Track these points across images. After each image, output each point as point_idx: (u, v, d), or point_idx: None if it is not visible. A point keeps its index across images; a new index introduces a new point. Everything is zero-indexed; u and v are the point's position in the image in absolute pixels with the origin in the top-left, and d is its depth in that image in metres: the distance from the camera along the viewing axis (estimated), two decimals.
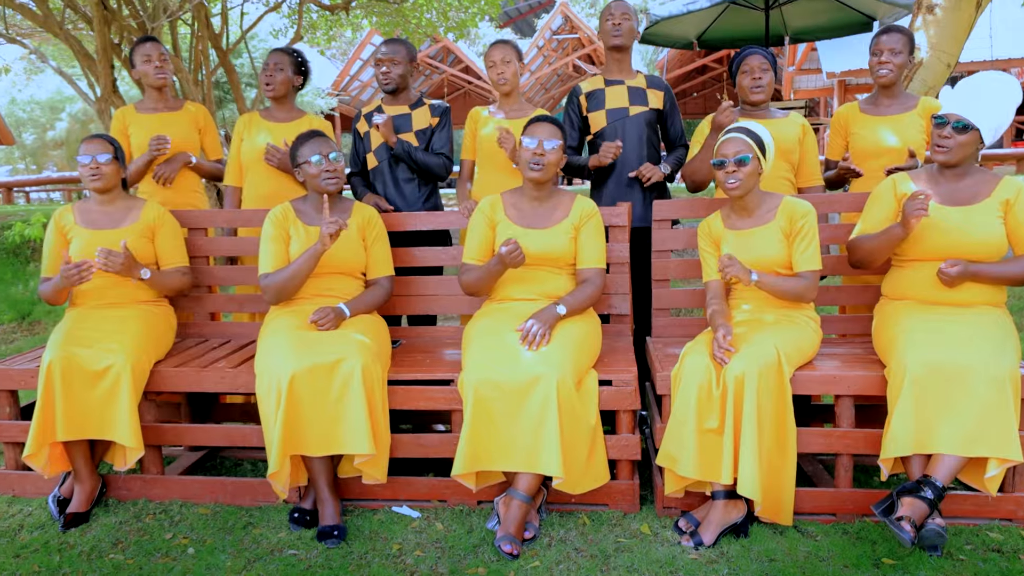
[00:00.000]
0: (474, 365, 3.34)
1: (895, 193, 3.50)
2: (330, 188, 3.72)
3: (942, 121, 3.34)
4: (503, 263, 3.50)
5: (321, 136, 3.77)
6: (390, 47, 4.44)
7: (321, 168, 3.70)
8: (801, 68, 19.96)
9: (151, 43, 4.63)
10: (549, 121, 3.66)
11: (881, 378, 3.28)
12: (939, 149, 3.35)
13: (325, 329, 3.55)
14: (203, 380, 3.70)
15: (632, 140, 4.38)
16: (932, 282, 3.38)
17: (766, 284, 3.42)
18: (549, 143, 3.59)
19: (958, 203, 3.36)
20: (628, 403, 3.45)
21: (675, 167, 4.45)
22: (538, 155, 3.59)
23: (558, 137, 3.62)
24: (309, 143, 3.74)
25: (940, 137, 3.34)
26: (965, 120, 3.28)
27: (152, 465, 3.80)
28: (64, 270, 3.61)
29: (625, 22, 4.39)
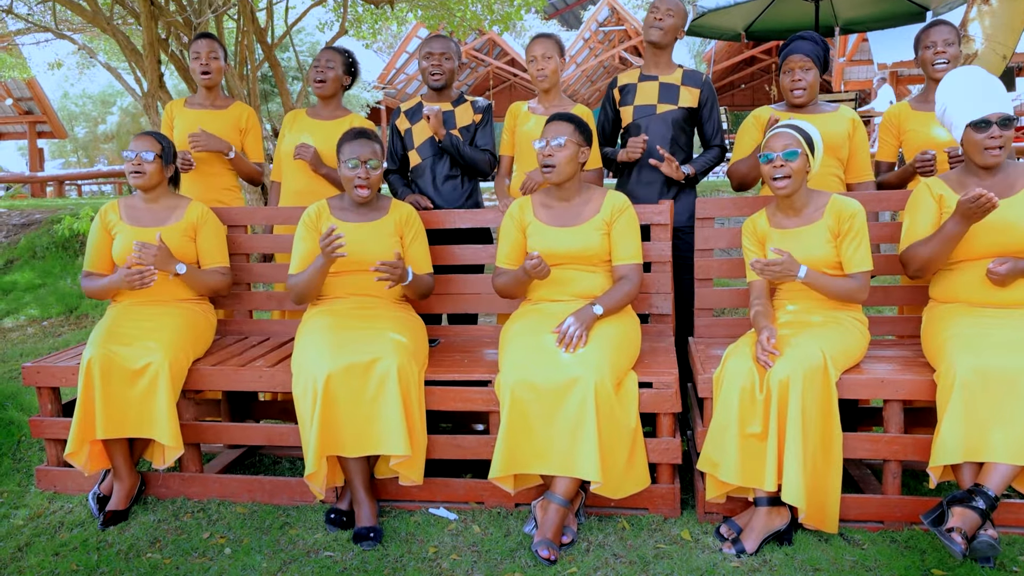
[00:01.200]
0: (511, 367, 3.29)
1: (931, 195, 3.39)
2: (359, 197, 3.69)
3: (985, 123, 3.22)
4: (528, 276, 3.45)
5: (367, 139, 3.72)
6: (441, 43, 4.40)
7: (355, 173, 3.67)
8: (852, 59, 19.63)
9: (204, 40, 4.64)
10: (559, 118, 3.58)
11: (931, 382, 3.18)
12: (991, 153, 3.24)
13: (385, 279, 3.54)
14: (241, 379, 3.69)
15: (655, 140, 4.28)
16: (980, 283, 3.27)
17: (815, 281, 3.32)
18: (555, 140, 3.52)
19: (997, 196, 3.25)
20: (669, 406, 3.38)
21: (701, 170, 4.33)
22: (547, 156, 3.53)
23: (565, 132, 3.54)
24: (351, 144, 3.69)
25: (989, 139, 3.23)
26: (1006, 113, 3.18)
27: (191, 463, 3.80)
28: (127, 275, 3.65)
29: (668, 19, 4.28)
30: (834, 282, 3.34)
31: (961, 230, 3.18)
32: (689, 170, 4.24)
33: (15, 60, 16.83)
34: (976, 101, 3.25)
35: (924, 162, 3.90)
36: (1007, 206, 3.22)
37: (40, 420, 3.84)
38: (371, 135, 3.76)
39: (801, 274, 3.29)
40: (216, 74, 4.64)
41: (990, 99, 3.22)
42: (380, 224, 3.78)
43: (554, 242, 3.58)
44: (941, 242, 3.25)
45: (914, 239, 3.40)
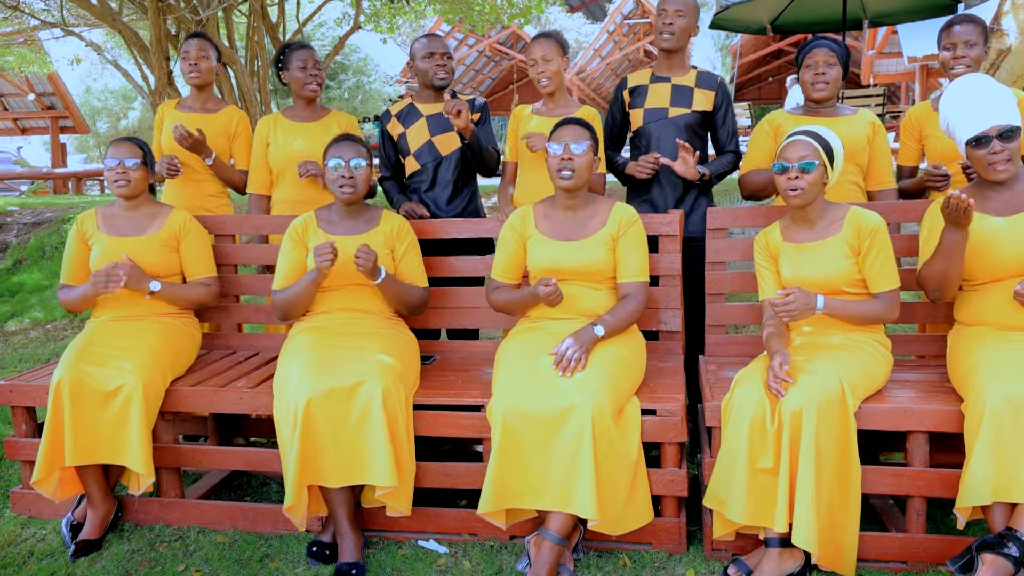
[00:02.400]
0: (503, 392, 3.06)
1: None
2: (344, 196, 3.48)
3: (986, 139, 2.97)
4: (538, 300, 3.22)
5: (349, 141, 3.52)
6: (440, 42, 4.19)
7: (338, 173, 3.45)
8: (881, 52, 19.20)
9: (194, 40, 4.42)
10: (575, 123, 3.35)
11: (959, 412, 2.91)
12: (996, 169, 3.00)
13: (361, 267, 3.31)
14: (221, 401, 3.49)
15: (668, 145, 4.03)
16: (1007, 304, 3.01)
17: (835, 310, 3.07)
18: (577, 146, 3.28)
19: (1015, 211, 3.01)
20: (673, 435, 3.14)
21: (715, 173, 4.08)
22: (566, 160, 3.28)
23: (586, 138, 3.31)
24: (335, 146, 3.50)
25: (992, 155, 2.99)
26: (1008, 125, 2.93)
27: (171, 488, 3.61)
28: (94, 277, 3.46)
29: (679, 20, 4.01)
30: (858, 307, 3.08)
31: (956, 238, 2.95)
32: (705, 171, 3.99)
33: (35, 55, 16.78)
34: (975, 115, 3.01)
35: (935, 178, 3.64)
36: None
37: (14, 441, 3.66)
38: (356, 138, 3.57)
39: (819, 306, 3.04)
40: (206, 75, 4.42)
41: (990, 111, 2.97)
42: (370, 236, 3.56)
43: (556, 256, 3.35)
44: (943, 257, 3.01)
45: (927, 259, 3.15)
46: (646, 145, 4.09)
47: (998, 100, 2.98)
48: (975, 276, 3.08)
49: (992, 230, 3.02)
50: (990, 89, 3.01)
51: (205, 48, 4.40)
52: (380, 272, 3.41)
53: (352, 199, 3.49)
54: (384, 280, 3.43)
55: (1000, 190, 3.07)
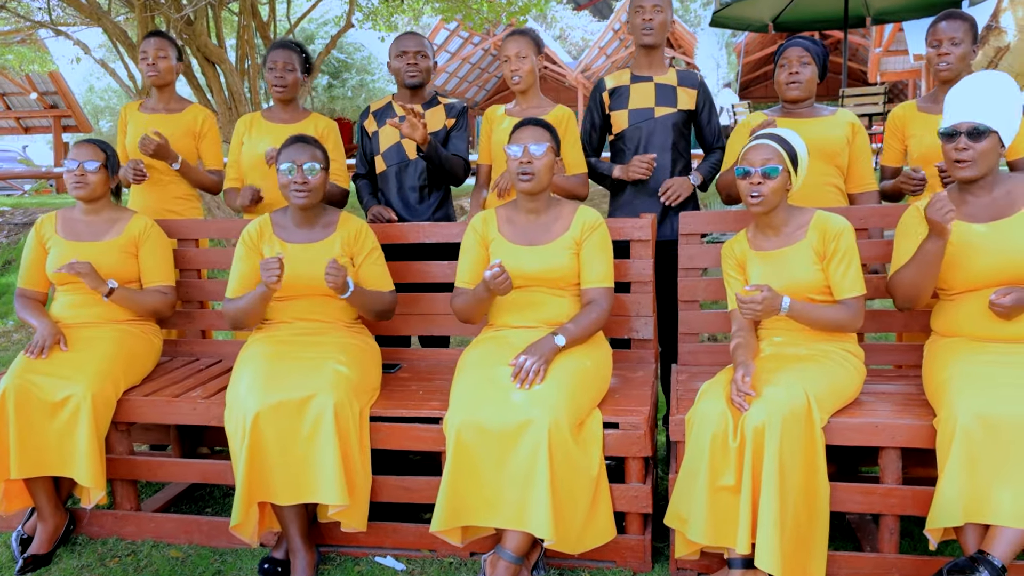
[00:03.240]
0: (458, 405, 2.94)
1: (922, 220, 3.01)
2: (298, 201, 3.35)
3: (952, 133, 2.85)
4: (488, 290, 3.10)
5: (303, 143, 3.40)
6: (415, 40, 4.06)
7: (290, 178, 3.33)
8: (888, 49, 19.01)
9: (152, 39, 4.31)
10: (535, 124, 3.23)
11: (933, 427, 2.79)
12: (960, 165, 2.88)
13: (331, 284, 3.19)
14: (174, 412, 3.38)
15: (657, 146, 3.91)
16: (983, 315, 2.88)
17: (800, 313, 2.94)
18: (536, 147, 3.16)
19: (994, 217, 2.88)
20: (637, 449, 3.01)
21: (708, 175, 3.96)
22: (525, 163, 3.16)
23: (546, 140, 3.19)
24: (286, 149, 3.38)
25: (956, 151, 2.87)
26: (978, 123, 2.79)
27: (125, 501, 3.50)
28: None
29: (657, 16, 3.89)
30: (823, 312, 2.96)
31: (935, 247, 2.83)
32: (697, 179, 3.88)
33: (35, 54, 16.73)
34: (957, 106, 2.88)
35: (910, 181, 3.51)
36: (1006, 227, 2.84)
37: None
38: (311, 139, 3.44)
39: (784, 306, 2.91)
40: (165, 74, 4.31)
41: (974, 107, 2.83)
42: (327, 243, 3.45)
43: (518, 261, 3.23)
44: (920, 265, 2.88)
45: (899, 266, 3.03)
46: (633, 148, 3.97)
47: (992, 99, 2.83)
48: (951, 285, 2.95)
49: (970, 237, 2.89)
50: (995, 88, 2.86)
51: (164, 47, 4.29)
52: (349, 286, 3.29)
53: (306, 204, 3.38)
54: (352, 294, 3.32)
55: (979, 195, 2.95)
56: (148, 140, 4.07)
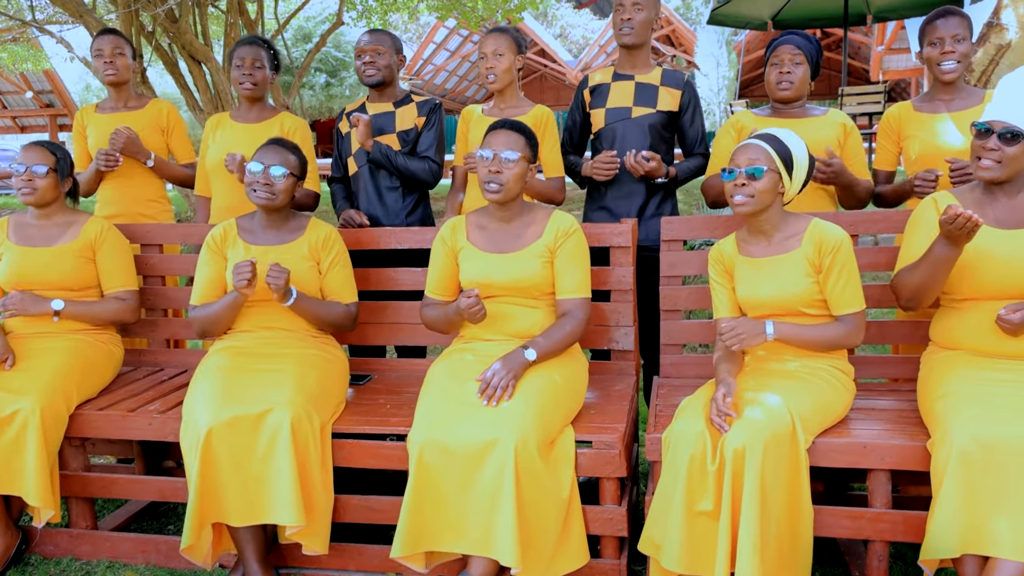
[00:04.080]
0: (422, 423, 2.78)
1: (938, 214, 2.82)
2: (257, 201, 3.20)
3: (985, 129, 2.65)
4: (462, 317, 2.94)
5: (278, 146, 3.25)
6: (372, 36, 3.90)
7: (255, 178, 3.18)
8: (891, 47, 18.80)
9: (106, 36, 4.15)
10: (510, 127, 3.05)
11: (926, 449, 2.61)
12: (985, 166, 2.67)
13: (272, 286, 3.03)
14: (129, 426, 3.22)
15: (632, 147, 3.73)
16: (989, 328, 2.69)
17: (790, 337, 2.78)
18: (507, 154, 2.98)
19: (1014, 225, 2.68)
20: (611, 469, 2.84)
21: (682, 176, 3.78)
22: (494, 171, 2.99)
23: (519, 147, 3.01)
24: (261, 150, 3.23)
25: (985, 150, 2.66)
26: (1014, 127, 2.60)
27: (81, 519, 3.35)
28: None
29: (638, 14, 3.71)
30: (816, 332, 2.79)
31: (948, 254, 2.62)
32: (671, 169, 3.70)
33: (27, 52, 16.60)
34: (999, 103, 2.69)
35: (925, 183, 3.31)
36: None
37: None
38: (289, 144, 3.29)
39: (769, 332, 2.75)
40: (122, 72, 4.15)
41: (1017, 105, 2.63)
42: (293, 247, 3.29)
43: (488, 270, 3.06)
44: (929, 267, 2.68)
45: (908, 262, 2.84)
46: (608, 147, 3.80)
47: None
48: (956, 290, 2.77)
49: (984, 242, 2.70)
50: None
51: (119, 44, 4.14)
52: (291, 294, 3.13)
53: (268, 206, 3.22)
54: (295, 301, 3.16)
55: (1000, 198, 2.75)
56: (118, 133, 3.91)
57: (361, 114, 3.80)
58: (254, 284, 3.03)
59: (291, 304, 3.15)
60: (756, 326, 2.74)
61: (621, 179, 3.77)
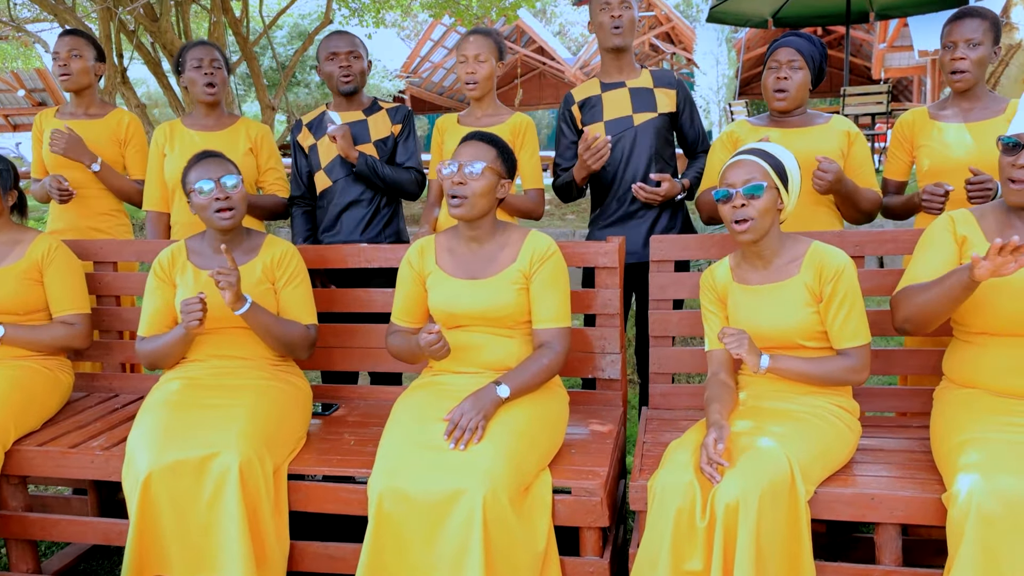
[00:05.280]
0: (382, 468, 2.51)
1: (954, 234, 2.55)
2: (223, 223, 2.93)
3: (1014, 143, 2.38)
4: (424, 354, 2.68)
5: (214, 157, 2.98)
6: (346, 40, 3.64)
7: (210, 197, 2.91)
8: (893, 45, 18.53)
9: (64, 38, 3.88)
10: (480, 139, 2.79)
11: (940, 502, 2.35)
12: (1015, 186, 2.39)
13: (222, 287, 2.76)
14: (69, 465, 2.95)
15: (640, 156, 3.48)
16: (1009, 367, 2.43)
17: (786, 370, 2.52)
18: (471, 166, 2.71)
19: None
20: (592, 518, 2.58)
21: (696, 181, 3.53)
22: (456, 183, 2.72)
23: (485, 158, 2.74)
24: (197, 167, 2.95)
25: (1014, 168, 2.39)
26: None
27: (21, 562, 3.08)
28: None
29: (627, 12, 3.45)
30: (815, 367, 2.52)
31: (968, 282, 2.32)
32: (684, 181, 3.47)
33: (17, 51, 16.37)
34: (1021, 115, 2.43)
35: (933, 197, 3.04)
36: None
37: None
38: (218, 153, 3.03)
39: (763, 365, 2.48)
40: (79, 76, 3.87)
41: None
42: (247, 269, 3.03)
43: (458, 298, 2.79)
44: (943, 292, 2.38)
45: (914, 281, 2.56)
46: (616, 163, 3.52)
47: None
48: (970, 323, 2.51)
49: None
50: None
51: (78, 47, 3.86)
52: (246, 300, 2.85)
53: (232, 225, 2.96)
54: (250, 311, 2.87)
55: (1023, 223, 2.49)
56: (58, 135, 3.65)
57: (337, 124, 3.52)
58: (205, 322, 2.77)
59: (245, 312, 2.86)
60: (754, 353, 2.47)
61: (627, 193, 3.51)
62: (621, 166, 3.49)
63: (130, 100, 8.15)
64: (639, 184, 3.34)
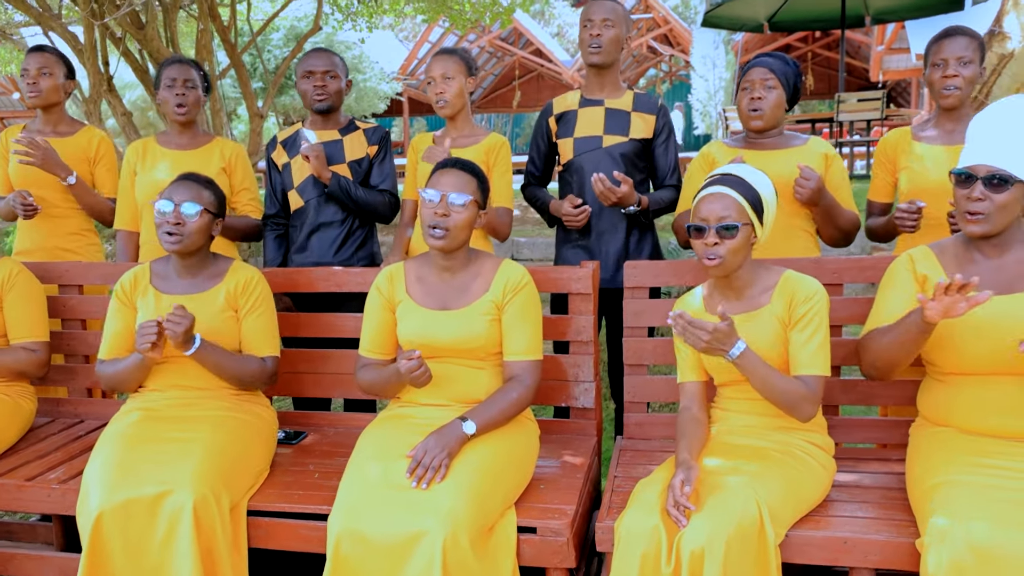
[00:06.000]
0: (341, 507, 2.43)
1: (914, 273, 2.48)
2: (168, 247, 2.86)
3: (968, 176, 2.30)
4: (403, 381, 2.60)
5: (190, 181, 2.91)
6: (324, 59, 3.56)
7: (163, 219, 2.83)
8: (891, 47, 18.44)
9: (33, 55, 3.81)
10: (462, 167, 2.71)
11: (915, 547, 2.26)
12: (972, 218, 2.32)
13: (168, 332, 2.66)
14: (23, 498, 2.87)
15: None
16: (982, 407, 2.35)
17: (749, 366, 2.39)
18: (456, 197, 2.63)
19: (1001, 290, 2.34)
20: (558, 559, 2.49)
21: (654, 208, 3.44)
22: (440, 215, 2.64)
23: (470, 190, 2.67)
24: (171, 185, 2.90)
25: (969, 200, 2.31)
26: (1000, 171, 2.25)
27: None
28: None
29: (607, 31, 3.37)
30: (777, 378, 2.40)
31: (925, 325, 2.26)
32: (643, 199, 3.36)
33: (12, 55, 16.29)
34: (977, 145, 2.34)
35: (906, 215, 2.96)
36: (1014, 305, 2.30)
37: None
38: (202, 180, 2.96)
39: (735, 352, 2.37)
40: (48, 94, 3.80)
41: (999, 146, 2.29)
42: (209, 295, 2.95)
43: (427, 329, 2.71)
44: (901, 335, 2.34)
45: (877, 323, 2.49)
46: (578, 180, 3.46)
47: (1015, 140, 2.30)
48: (939, 362, 2.43)
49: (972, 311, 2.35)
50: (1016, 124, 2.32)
51: (48, 64, 3.79)
52: (194, 341, 2.77)
53: (180, 251, 2.87)
54: (198, 351, 2.78)
55: (990, 253, 2.40)
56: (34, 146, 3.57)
57: (311, 142, 3.44)
58: (161, 347, 2.69)
59: (193, 353, 2.77)
60: (727, 337, 2.33)
61: (597, 213, 3.43)
62: (587, 186, 3.42)
63: (116, 107, 8.06)
64: (599, 175, 3.21)
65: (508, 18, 12.03)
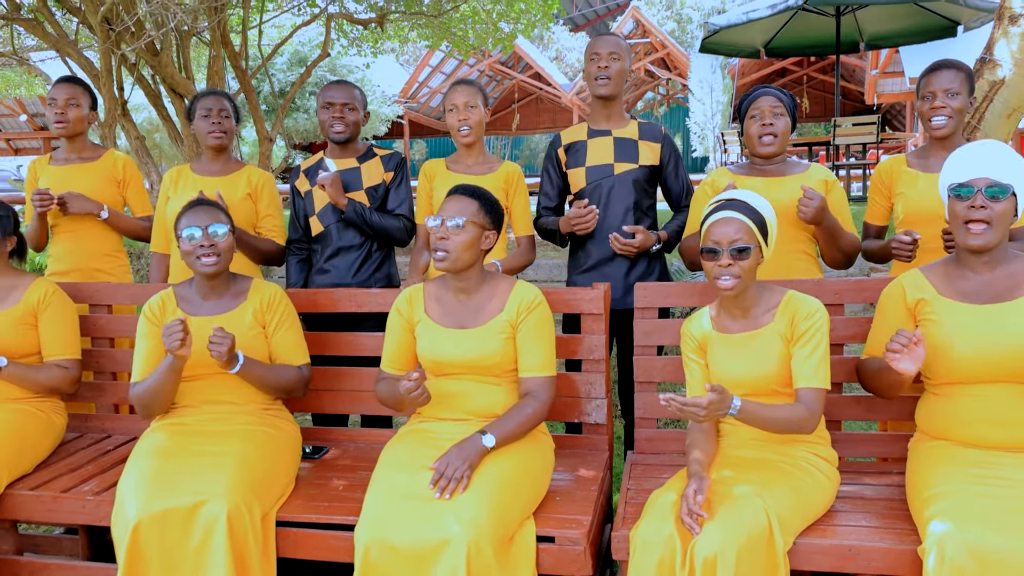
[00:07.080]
0: (368, 517, 2.55)
1: (904, 302, 2.63)
2: (207, 269, 2.98)
3: (967, 191, 2.46)
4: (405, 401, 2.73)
5: (205, 205, 3.04)
6: (343, 91, 3.70)
7: (195, 244, 2.96)
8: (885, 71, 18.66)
9: (61, 86, 3.97)
10: (464, 193, 2.85)
11: (917, 553, 2.39)
12: (974, 230, 2.47)
13: (214, 353, 2.80)
14: (59, 509, 2.99)
15: (617, 205, 3.55)
16: (977, 417, 2.49)
17: (750, 415, 2.51)
18: (452, 221, 2.78)
19: (990, 300, 2.49)
20: (576, 568, 2.61)
21: (675, 236, 3.59)
22: (439, 238, 2.78)
23: (466, 212, 2.80)
24: (187, 215, 3.02)
25: (971, 210, 2.45)
26: (998, 180, 2.41)
27: None
28: None
29: (615, 64, 3.53)
30: (776, 413, 2.52)
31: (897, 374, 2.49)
32: (661, 233, 3.52)
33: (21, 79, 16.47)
34: (965, 163, 2.50)
35: (901, 246, 3.11)
36: (1003, 314, 2.46)
37: None
38: (210, 202, 3.10)
39: (733, 408, 2.51)
40: (75, 124, 3.97)
41: (988, 164, 2.45)
42: (237, 314, 3.08)
43: (444, 347, 2.85)
44: (883, 374, 2.57)
45: (871, 351, 2.69)
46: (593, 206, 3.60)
47: (1003, 158, 2.45)
48: (934, 375, 2.56)
49: (958, 319, 2.50)
50: (1000, 149, 2.47)
51: (75, 95, 3.95)
52: (238, 359, 2.91)
53: (216, 272, 3.01)
54: (243, 368, 2.93)
55: (979, 270, 2.55)
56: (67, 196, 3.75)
57: (329, 171, 3.58)
58: (188, 343, 2.80)
59: (238, 371, 2.93)
60: (722, 402, 2.44)
61: (606, 240, 3.57)
62: (600, 213, 3.56)
63: (130, 132, 8.22)
64: (614, 235, 3.41)
65: (510, 44, 12.23)
